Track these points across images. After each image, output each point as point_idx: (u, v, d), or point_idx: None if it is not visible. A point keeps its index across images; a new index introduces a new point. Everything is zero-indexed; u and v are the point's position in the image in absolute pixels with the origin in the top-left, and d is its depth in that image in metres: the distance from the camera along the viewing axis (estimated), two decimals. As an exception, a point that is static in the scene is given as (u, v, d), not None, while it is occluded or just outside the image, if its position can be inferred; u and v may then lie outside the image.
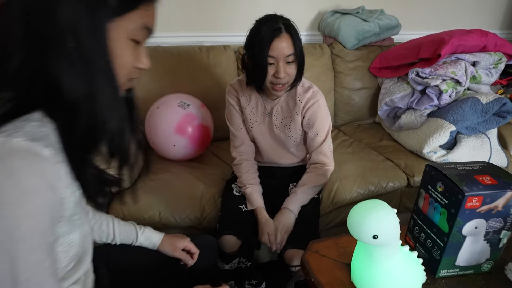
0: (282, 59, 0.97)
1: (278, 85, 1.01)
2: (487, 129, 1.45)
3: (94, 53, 0.43)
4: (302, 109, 1.09)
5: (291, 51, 0.97)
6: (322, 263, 0.81)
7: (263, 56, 0.96)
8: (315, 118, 1.09)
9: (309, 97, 1.08)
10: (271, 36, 0.95)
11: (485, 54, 1.53)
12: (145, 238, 0.85)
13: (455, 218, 0.70)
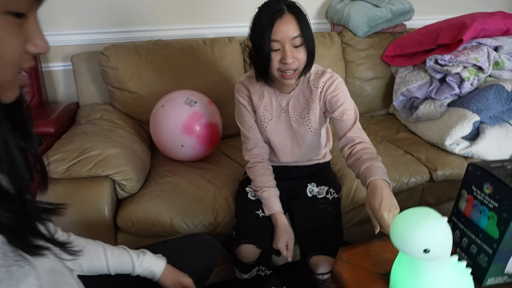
0: (288, 43, 0.87)
1: (287, 72, 0.91)
2: (511, 118, 1.37)
3: None
4: (320, 94, 1.00)
5: (297, 32, 0.87)
6: (355, 274, 0.74)
7: (265, 41, 0.86)
8: (337, 98, 0.98)
9: (325, 80, 0.99)
10: (272, 18, 0.86)
11: (508, 38, 1.44)
12: (144, 268, 0.73)
13: (509, 223, 0.63)
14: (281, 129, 1.07)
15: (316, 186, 1.11)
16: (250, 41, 0.93)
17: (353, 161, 0.93)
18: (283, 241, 0.95)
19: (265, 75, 0.94)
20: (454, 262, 0.60)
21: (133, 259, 0.72)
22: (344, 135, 0.98)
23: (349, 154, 0.96)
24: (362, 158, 0.89)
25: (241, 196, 1.09)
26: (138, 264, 0.72)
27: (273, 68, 0.90)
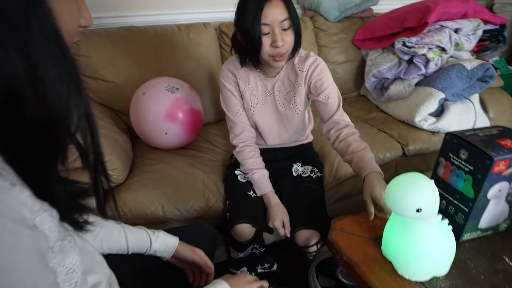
0: (278, 26, 0.89)
1: (278, 56, 0.93)
2: (471, 94, 1.50)
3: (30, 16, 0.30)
4: (305, 77, 1.03)
5: (285, 15, 0.89)
6: (349, 241, 0.80)
7: (255, 26, 0.88)
8: (322, 82, 1.02)
9: (310, 64, 1.02)
10: (261, 2, 0.87)
11: (466, 21, 1.56)
12: (160, 243, 0.75)
13: (482, 183, 0.71)
14: (268, 112, 1.10)
15: (301, 166, 1.16)
16: (236, 27, 0.94)
17: (342, 147, 0.99)
18: (279, 220, 0.99)
19: (255, 59, 0.95)
20: (439, 220, 0.67)
21: (150, 235, 0.74)
22: (330, 118, 1.02)
23: (336, 137, 1.01)
24: (352, 147, 0.95)
25: (232, 179, 1.11)
26: (154, 239, 0.74)
27: (263, 53, 0.92)
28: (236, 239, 1.01)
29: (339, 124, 1.02)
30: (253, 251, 1.05)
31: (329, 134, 1.04)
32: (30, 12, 0.30)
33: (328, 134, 1.05)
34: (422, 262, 0.66)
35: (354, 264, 0.74)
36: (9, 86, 0.30)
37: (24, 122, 0.32)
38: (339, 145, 1.01)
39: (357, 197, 1.43)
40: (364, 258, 0.75)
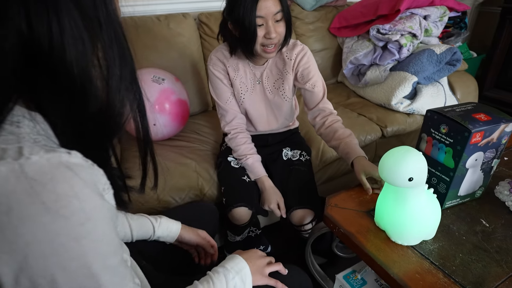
0: (271, 18, 0.92)
1: (270, 46, 0.96)
2: (440, 77, 1.61)
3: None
4: (293, 65, 1.07)
5: (278, 8, 0.92)
6: (344, 215, 0.86)
7: (251, 18, 0.90)
8: (309, 70, 1.07)
9: (297, 52, 1.06)
10: None
11: (433, 8, 1.65)
12: (163, 229, 0.77)
13: (462, 154, 0.78)
14: (257, 99, 1.13)
15: (290, 150, 1.20)
16: (228, 16, 0.95)
17: (327, 133, 1.07)
18: (274, 202, 1.03)
19: (247, 50, 0.97)
20: (426, 190, 0.74)
21: (152, 222, 0.75)
22: (316, 106, 1.09)
23: (322, 124, 1.09)
24: (338, 133, 1.04)
25: (225, 165, 1.13)
26: (157, 226, 0.75)
27: (257, 43, 0.94)
28: (233, 223, 1.04)
29: (324, 112, 1.09)
30: (249, 234, 1.09)
31: (314, 121, 1.12)
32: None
33: (314, 121, 1.12)
34: (413, 228, 0.73)
35: (351, 235, 0.79)
36: (79, 66, 0.32)
37: (89, 106, 0.34)
38: (325, 131, 1.08)
39: (342, 178, 1.50)
40: (359, 229, 0.81)
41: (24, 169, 0.29)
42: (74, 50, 0.31)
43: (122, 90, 0.36)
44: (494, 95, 2.39)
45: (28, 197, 0.28)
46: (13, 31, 0.29)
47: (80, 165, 0.32)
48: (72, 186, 0.30)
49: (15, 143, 0.30)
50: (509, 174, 0.98)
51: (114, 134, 0.38)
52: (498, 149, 0.83)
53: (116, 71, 0.35)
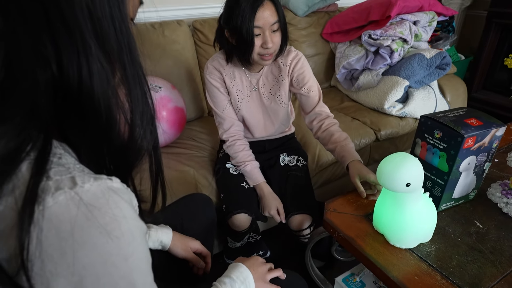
0: (268, 28, 0.94)
1: (266, 55, 0.98)
2: (431, 81, 1.65)
3: (122, 39, 0.35)
4: (288, 71, 1.09)
5: (276, 18, 0.94)
6: (343, 220, 0.87)
7: (249, 28, 0.92)
8: (304, 75, 1.09)
9: (292, 58, 1.08)
10: (254, 6, 0.91)
11: (422, 14, 1.70)
12: (153, 241, 0.77)
13: (455, 158, 0.81)
14: (254, 106, 1.14)
15: (287, 155, 1.22)
16: (225, 25, 0.96)
17: (324, 136, 1.08)
18: (274, 208, 1.04)
19: (244, 58, 0.99)
20: (422, 194, 0.76)
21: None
22: (312, 110, 1.10)
23: (319, 128, 1.10)
24: (335, 137, 1.05)
25: (223, 172, 1.14)
26: (147, 237, 0.75)
27: (254, 52, 0.96)
28: (233, 229, 1.05)
29: (320, 115, 1.10)
30: (249, 240, 1.10)
31: (311, 124, 1.13)
32: (126, 41, 0.36)
33: (311, 125, 1.13)
34: (411, 231, 0.75)
35: (350, 239, 0.81)
36: (106, 105, 0.34)
37: (113, 138, 0.37)
38: (322, 135, 1.09)
39: (337, 181, 1.52)
40: (358, 233, 0.83)
41: (81, 197, 0.31)
42: (101, 90, 0.34)
43: (143, 126, 0.39)
44: (482, 96, 2.45)
45: (87, 221, 0.30)
46: (48, 70, 0.32)
47: (121, 189, 0.34)
48: (121, 209, 0.33)
49: (66, 173, 0.32)
50: (500, 176, 1.01)
51: (134, 165, 0.41)
52: (490, 152, 0.86)
53: (138, 108, 0.38)
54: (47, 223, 0.30)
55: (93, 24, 0.32)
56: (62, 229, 0.30)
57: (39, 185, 0.30)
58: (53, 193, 0.30)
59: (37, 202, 0.30)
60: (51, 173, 0.32)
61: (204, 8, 1.75)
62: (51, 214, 0.30)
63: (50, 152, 0.33)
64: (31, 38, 0.31)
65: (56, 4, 0.30)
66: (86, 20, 0.32)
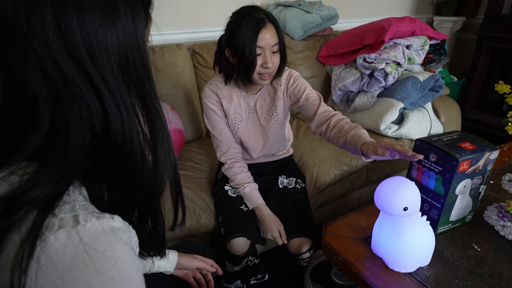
0: (269, 49, 0.97)
1: (265, 75, 1.00)
2: (425, 103, 1.69)
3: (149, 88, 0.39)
4: (283, 90, 1.11)
5: (276, 40, 0.97)
6: (342, 243, 0.87)
7: (252, 48, 0.95)
8: (299, 87, 1.09)
9: (285, 77, 1.11)
10: (257, 27, 0.94)
11: (415, 38, 1.75)
12: (162, 261, 0.78)
13: (451, 181, 0.82)
14: (252, 128, 1.16)
15: (285, 178, 1.23)
16: (227, 45, 0.99)
17: (334, 133, 0.97)
18: (276, 230, 1.04)
19: (245, 77, 1.01)
20: (420, 217, 0.77)
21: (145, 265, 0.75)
22: (314, 114, 1.04)
23: (327, 127, 1.00)
24: (345, 128, 0.94)
25: (222, 195, 1.14)
26: (156, 259, 0.75)
27: (254, 72, 0.99)
28: (232, 253, 1.04)
29: (326, 116, 1.02)
30: (247, 263, 1.09)
31: (319, 128, 1.04)
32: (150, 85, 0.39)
33: (319, 129, 1.04)
34: (410, 255, 0.75)
35: (349, 263, 0.81)
36: (141, 152, 0.37)
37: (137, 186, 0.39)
38: (331, 133, 0.99)
39: (335, 202, 1.52)
40: (357, 257, 0.82)
41: (81, 236, 0.31)
42: (138, 141, 0.37)
43: (165, 156, 0.41)
44: (475, 116, 2.50)
45: (84, 261, 0.31)
46: (92, 132, 0.35)
47: (121, 229, 0.35)
48: (117, 250, 0.33)
49: (70, 212, 0.33)
50: (496, 198, 1.02)
51: (161, 193, 0.44)
52: (485, 175, 0.87)
53: (161, 143, 0.41)
54: (46, 260, 0.30)
55: (128, 83, 0.36)
56: (60, 266, 0.30)
57: (44, 222, 0.31)
58: (56, 231, 0.31)
59: (39, 238, 0.31)
60: (57, 210, 0.33)
61: (203, 32, 1.79)
62: (51, 251, 0.30)
63: (64, 192, 0.34)
64: (76, 105, 0.34)
65: (96, 69, 0.34)
66: (121, 81, 0.35)
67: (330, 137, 1.00)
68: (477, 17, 2.67)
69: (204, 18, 1.79)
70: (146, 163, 0.39)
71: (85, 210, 0.34)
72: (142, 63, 0.38)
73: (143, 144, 0.38)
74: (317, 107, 1.04)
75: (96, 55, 0.34)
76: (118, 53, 0.35)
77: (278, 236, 1.04)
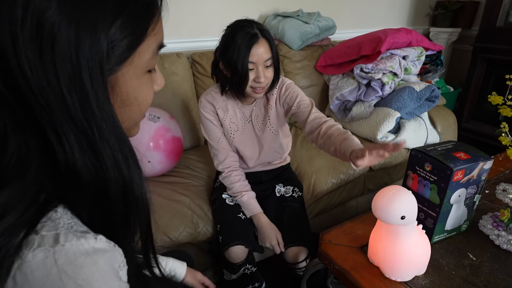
0: (261, 64, 0.98)
1: (258, 88, 1.02)
2: (421, 113, 1.71)
3: (97, 125, 0.35)
4: (276, 99, 1.12)
5: (269, 55, 0.98)
6: (338, 251, 0.88)
7: (244, 63, 0.96)
8: (291, 95, 1.09)
9: (278, 86, 1.12)
10: (250, 42, 0.95)
11: (411, 49, 1.78)
12: (169, 271, 0.79)
13: (446, 190, 0.83)
14: (247, 138, 1.17)
15: (283, 186, 1.24)
16: (221, 57, 1.01)
17: (324, 140, 0.97)
18: (274, 238, 1.04)
19: (238, 90, 1.02)
20: (416, 226, 0.78)
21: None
22: (306, 120, 1.04)
23: (318, 135, 1.00)
24: (334, 136, 0.94)
25: (220, 203, 1.15)
26: (163, 268, 0.75)
27: (247, 86, 1.00)
28: (230, 262, 1.04)
29: (317, 122, 1.02)
30: (245, 272, 1.09)
31: (311, 135, 1.04)
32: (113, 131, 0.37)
33: (311, 136, 1.04)
34: (405, 263, 0.76)
35: (346, 272, 0.81)
36: (97, 182, 0.36)
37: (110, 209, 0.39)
38: (322, 141, 0.99)
39: (332, 211, 1.53)
40: (354, 265, 0.83)
41: (56, 258, 0.31)
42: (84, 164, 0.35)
43: (136, 194, 0.40)
44: (472, 126, 2.52)
45: (59, 281, 0.31)
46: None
47: (102, 250, 0.34)
48: (92, 275, 0.33)
49: (53, 230, 0.33)
50: (491, 208, 1.03)
51: (133, 229, 0.42)
52: (479, 185, 0.88)
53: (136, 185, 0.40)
54: (21, 277, 0.30)
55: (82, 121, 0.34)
56: (35, 285, 0.30)
57: (25, 239, 0.31)
58: (34, 249, 0.31)
59: (18, 255, 0.31)
60: (39, 227, 0.32)
61: (203, 41, 1.82)
62: (27, 269, 0.30)
63: (47, 210, 0.34)
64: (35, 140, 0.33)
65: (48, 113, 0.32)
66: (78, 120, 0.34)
67: (321, 145, 1.01)
68: (472, 28, 2.72)
69: (203, 27, 1.82)
70: (109, 192, 0.37)
71: (68, 229, 0.34)
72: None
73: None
74: (308, 114, 1.04)
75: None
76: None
77: (276, 245, 1.04)
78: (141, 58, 0.37)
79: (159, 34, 0.39)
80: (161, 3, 0.39)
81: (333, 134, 0.95)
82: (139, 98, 0.39)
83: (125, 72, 0.36)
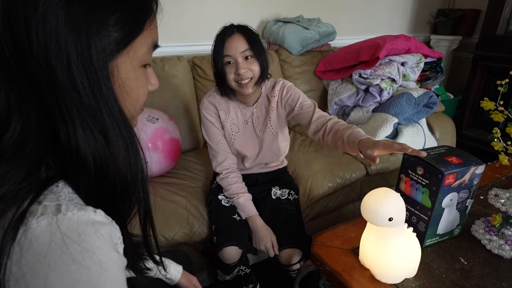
0: (239, 56, 0.99)
1: (243, 82, 1.02)
2: (419, 119, 1.71)
3: (102, 104, 0.38)
4: (277, 101, 1.14)
5: (246, 46, 1.00)
6: (330, 253, 0.88)
7: (219, 57, 1.00)
8: (293, 97, 1.11)
9: (279, 88, 1.14)
10: (223, 37, 1.00)
11: (410, 56, 1.80)
12: (165, 272, 0.80)
13: (437, 194, 0.84)
14: (248, 139, 1.18)
15: (279, 189, 1.25)
16: (212, 61, 1.04)
17: (332, 136, 0.96)
18: (269, 241, 1.05)
19: (224, 87, 1.05)
20: (406, 229, 0.78)
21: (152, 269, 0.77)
22: (310, 121, 1.03)
23: (324, 132, 0.99)
24: (341, 130, 0.94)
25: (215, 204, 1.16)
26: (160, 268, 0.77)
27: (229, 80, 1.02)
28: (224, 262, 1.05)
29: (322, 120, 1.02)
30: (239, 273, 1.10)
31: (317, 135, 1.03)
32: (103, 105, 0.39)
33: (316, 136, 1.03)
34: (395, 265, 0.76)
35: (337, 273, 0.82)
36: (97, 161, 0.38)
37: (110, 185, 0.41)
38: (329, 138, 0.98)
39: (329, 215, 1.53)
40: (345, 267, 0.83)
41: (59, 225, 0.33)
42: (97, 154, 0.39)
43: (132, 173, 0.43)
44: (471, 133, 2.52)
45: (61, 247, 0.33)
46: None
47: (102, 223, 0.37)
48: (94, 241, 0.35)
49: (55, 201, 0.35)
50: (485, 213, 1.04)
51: (129, 207, 0.44)
52: (471, 189, 0.89)
53: (128, 159, 0.42)
54: (27, 243, 0.32)
55: (80, 100, 0.37)
56: (39, 251, 0.32)
57: (29, 208, 0.34)
58: (38, 217, 0.33)
59: (23, 223, 0.33)
60: (42, 198, 0.35)
61: (203, 45, 1.84)
62: (31, 235, 0.32)
63: (49, 184, 0.36)
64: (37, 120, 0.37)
65: (51, 92, 0.35)
66: (75, 99, 0.36)
67: (328, 142, 0.99)
68: (473, 36, 2.73)
69: (205, 32, 1.84)
70: (107, 174, 0.40)
71: (70, 201, 0.36)
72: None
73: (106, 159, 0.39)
74: (312, 114, 1.05)
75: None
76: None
77: (270, 247, 1.05)
78: (138, 51, 0.41)
79: (154, 32, 0.44)
80: (157, 7, 0.44)
81: (340, 128, 0.95)
82: (134, 90, 0.42)
83: (122, 61, 0.40)
